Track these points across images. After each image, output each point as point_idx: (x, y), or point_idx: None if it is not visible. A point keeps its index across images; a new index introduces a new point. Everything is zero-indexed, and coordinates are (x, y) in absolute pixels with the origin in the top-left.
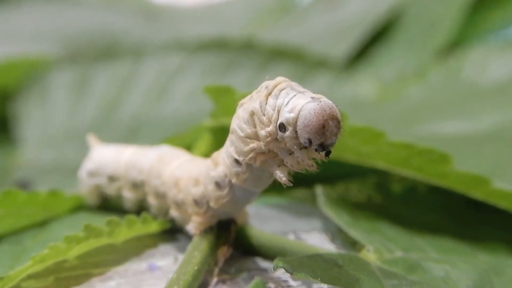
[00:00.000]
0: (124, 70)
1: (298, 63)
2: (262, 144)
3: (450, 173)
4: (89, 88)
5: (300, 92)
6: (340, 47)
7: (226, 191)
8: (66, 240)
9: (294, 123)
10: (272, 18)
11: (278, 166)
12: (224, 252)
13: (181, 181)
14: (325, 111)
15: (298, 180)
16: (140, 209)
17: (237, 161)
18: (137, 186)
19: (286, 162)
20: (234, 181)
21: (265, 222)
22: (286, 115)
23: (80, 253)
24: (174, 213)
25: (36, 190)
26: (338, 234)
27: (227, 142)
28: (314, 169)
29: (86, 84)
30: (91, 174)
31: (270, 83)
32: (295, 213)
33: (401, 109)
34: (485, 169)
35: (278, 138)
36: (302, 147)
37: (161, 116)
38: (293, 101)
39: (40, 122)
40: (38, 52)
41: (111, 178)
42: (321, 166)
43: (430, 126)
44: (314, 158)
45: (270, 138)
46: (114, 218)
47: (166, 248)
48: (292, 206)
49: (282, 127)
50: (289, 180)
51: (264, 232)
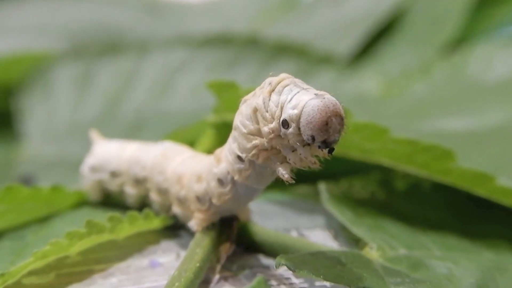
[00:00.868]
0: (128, 65)
1: (302, 59)
2: (265, 140)
3: (454, 169)
4: (92, 83)
5: (303, 88)
6: (344, 43)
7: (228, 188)
8: (68, 236)
9: (297, 120)
10: (276, 14)
11: (281, 163)
12: (226, 249)
13: (183, 177)
14: (328, 108)
15: (301, 176)
16: (142, 205)
17: (239, 157)
18: (139, 182)
19: (289, 159)
20: (236, 178)
21: (267, 218)
22: (289, 112)
23: (81, 249)
24: (176, 209)
25: (38, 185)
26: (341, 231)
27: (230, 139)
28: (317, 166)
29: (89, 79)
30: (94, 169)
31: (274, 80)
32: (298, 209)
33: (405, 105)
34: (489, 166)
35: (281, 134)
36: (305, 144)
37: (164, 111)
38: (296, 97)
39: (43, 117)
40: (42, 46)
41: (114, 174)
42: (324, 163)
43: (434, 122)
44: (317, 156)
45: (273, 135)
46: (116, 214)
47: (168, 244)
48: (294, 203)
49: (285, 124)
50: (291, 177)
51: (266, 229)
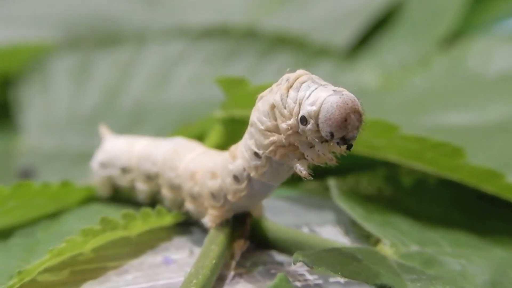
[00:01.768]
0: (125, 56)
1: (300, 51)
2: (282, 137)
3: (464, 166)
4: (90, 74)
5: (321, 85)
6: (342, 35)
7: (244, 185)
8: (82, 233)
9: (316, 116)
10: (274, 5)
11: (298, 160)
12: (241, 245)
13: (197, 173)
14: (347, 104)
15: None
16: (153, 201)
17: (256, 154)
18: (151, 178)
19: (307, 156)
20: (252, 174)
21: (277, 214)
22: (307, 108)
23: (95, 246)
24: (189, 205)
25: (47, 181)
26: (351, 227)
27: (246, 135)
28: (334, 162)
29: (87, 70)
30: (103, 165)
31: (291, 76)
32: (307, 205)
33: (404, 98)
34: (493, 161)
35: (299, 131)
36: (323, 141)
37: (163, 103)
38: (314, 94)
39: (41, 108)
40: (38, 36)
41: (124, 170)
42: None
43: (434, 116)
44: (333, 152)
45: (291, 131)
46: (129, 211)
47: (181, 241)
48: (303, 199)
49: (304, 120)
50: (309, 173)
51: (279, 225)
